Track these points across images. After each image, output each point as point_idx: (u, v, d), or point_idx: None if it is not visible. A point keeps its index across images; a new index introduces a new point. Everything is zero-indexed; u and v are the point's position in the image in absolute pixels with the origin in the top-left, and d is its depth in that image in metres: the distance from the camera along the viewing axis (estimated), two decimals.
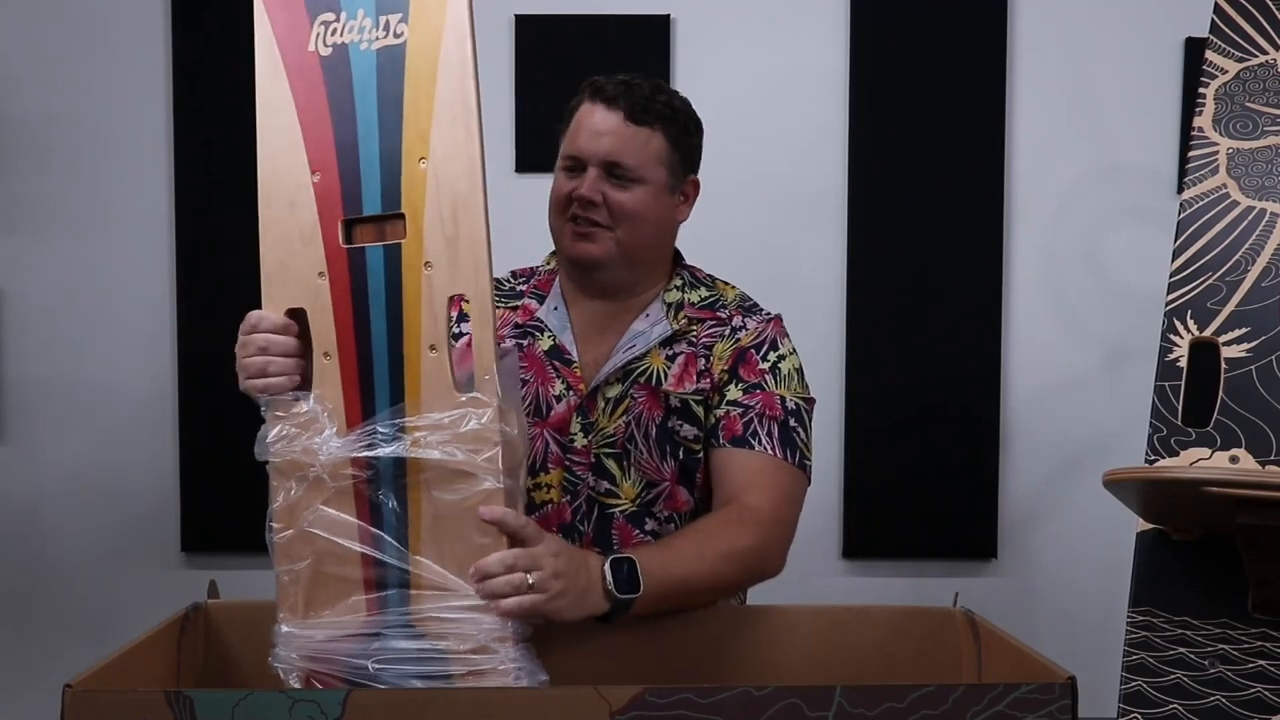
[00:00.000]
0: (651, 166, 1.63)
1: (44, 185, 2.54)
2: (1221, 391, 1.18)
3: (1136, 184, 2.52)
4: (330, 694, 1.09)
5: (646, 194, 1.63)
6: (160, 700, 1.08)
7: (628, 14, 2.50)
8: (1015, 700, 1.10)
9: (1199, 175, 1.28)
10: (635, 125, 1.62)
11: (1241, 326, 1.20)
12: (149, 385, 2.56)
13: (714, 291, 1.73)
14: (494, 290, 1.67)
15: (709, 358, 1.64)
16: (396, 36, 1.31)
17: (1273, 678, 1.07)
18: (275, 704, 1.08)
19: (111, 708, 1.09)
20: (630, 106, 1.61)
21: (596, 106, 1.63)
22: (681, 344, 1.65)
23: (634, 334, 1.66)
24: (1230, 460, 1.15)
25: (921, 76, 2.51)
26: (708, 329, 1.67)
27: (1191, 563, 1.15)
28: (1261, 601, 1.10)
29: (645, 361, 1.64)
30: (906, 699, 1.10)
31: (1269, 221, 1.24)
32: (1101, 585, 2.44)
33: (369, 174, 1.30)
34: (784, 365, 1.65)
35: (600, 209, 1.61)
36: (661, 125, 1.64)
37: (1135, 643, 1.12)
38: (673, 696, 1.10)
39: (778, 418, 1.60)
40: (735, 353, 1.64)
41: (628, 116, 1.62)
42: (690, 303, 1.69)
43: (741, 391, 1.61)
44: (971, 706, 1.10)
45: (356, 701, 1.09)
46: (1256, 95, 1.31)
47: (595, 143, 1.61)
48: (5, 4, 2.52)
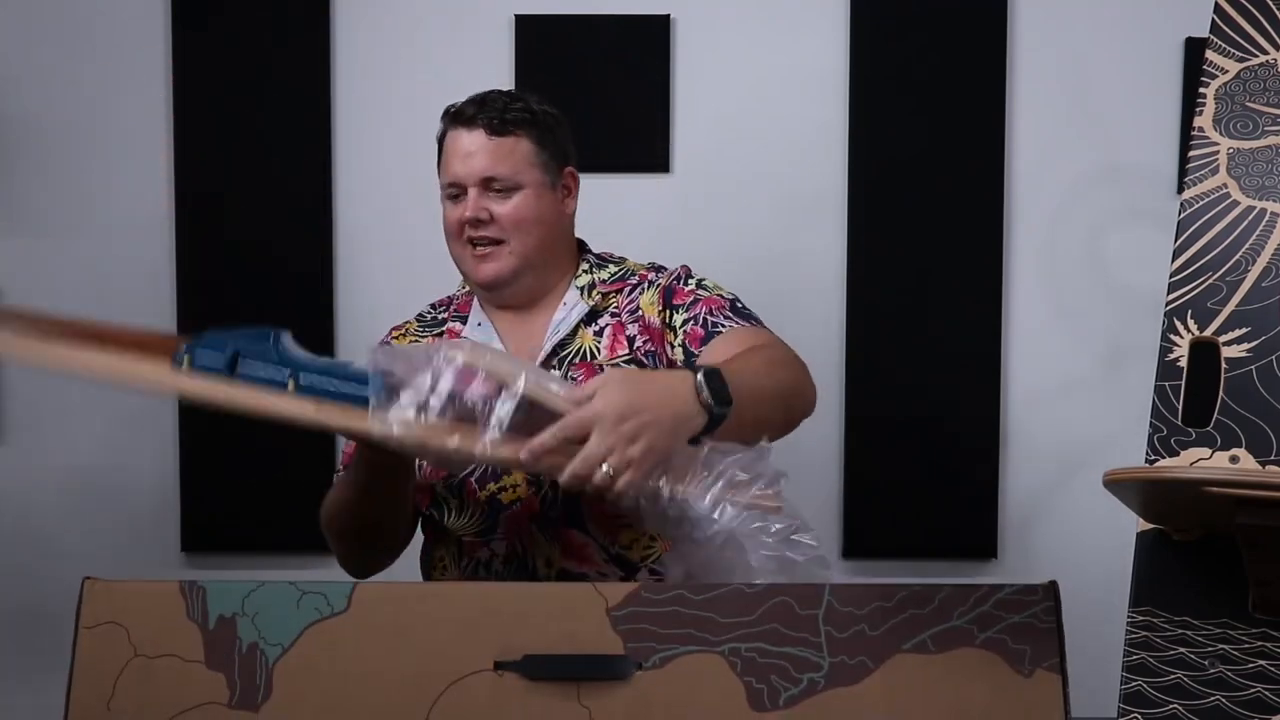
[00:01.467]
0: (525, 170, 1.71)
1: (44, 185, 2.54)
2: (1222, 391, 1.18)
3: (1137, 184, 2.52)
4: (336, 586, 1.15)
5: (527, 198, 1.71)
6: (174, 590, 1.15)
7: (627, 14, 2.50)
8: (999, 601, 1.14)
9: (1199, 175, 1.28)
10: (499, 137, 1.69)
11: (1242, 326, 1.20)
12: None
13: (622, 266, 1.80)
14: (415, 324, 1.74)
15: (638, 312, 1.71)
16: None
17: (1273, 678, 1.07)
18: (284, 595, 1.14)
19: (127, 596, 1.16)
20: (489, 121, 1.69)
21: (459, 131, 1.71)
22: (604, 317, 1.73)
23: (556, 322, 1.73)
24: (1230, 460, 1.15)
25: (921, 76, 2.51)
26: (626, 297, 1.74)
27: (1192, 563, 1.15)
28: (1262, 601, 1.10)
29: (575, 342, 1.71)
30: (894, 598, 1.14)
31: (1269, 221, 1.24)
32: (1101, 585, 2.43)
33: None
34: (707, 282, 1.74)
35: (490, 224, 1.70)
36: (523, 129, 1.71)
37: (1135, 642, 1.12)
38: (667, 593, 1.15)
39: (724, 307, 1.68)
40: (661, 293, 1.72)
41: (489, 131, 1.69)
42: (601, 280, 1.76)
43: (685, 311, 1.68)
44: (957, 606, 1.14)
45: (361, 594, 1.14)
46: (1257, 95, 1.31)
47: (466, 164, 1.69)
48: (5, 4, 2.51)
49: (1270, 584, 1.09)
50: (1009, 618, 1.14)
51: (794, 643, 1.13)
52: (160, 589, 1.15)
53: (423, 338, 1.81)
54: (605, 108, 2.47)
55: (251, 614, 1.14)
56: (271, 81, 2.51)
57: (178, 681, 1.13)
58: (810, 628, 1.14)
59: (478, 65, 2.50)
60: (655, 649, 1.13)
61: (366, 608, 1.14)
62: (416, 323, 1.84)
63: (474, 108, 1.72)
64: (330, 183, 2.53)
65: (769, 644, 1.13)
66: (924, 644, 1.14)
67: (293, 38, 2.51)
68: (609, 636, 1.13)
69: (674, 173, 2.53)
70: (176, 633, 1.14)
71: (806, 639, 1.13)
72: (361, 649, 1.13)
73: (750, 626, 1.13)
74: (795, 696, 1.13)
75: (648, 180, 2.51)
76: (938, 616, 1.14)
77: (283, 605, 1.14)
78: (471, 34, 2.52)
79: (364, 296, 2.54)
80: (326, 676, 1.13)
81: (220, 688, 1.13)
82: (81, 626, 1.14)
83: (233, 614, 1.14)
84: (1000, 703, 1.13)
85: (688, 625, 1.13)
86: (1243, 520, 1.05)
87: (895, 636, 1.14)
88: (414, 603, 1.15)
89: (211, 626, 1.14)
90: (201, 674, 1.13)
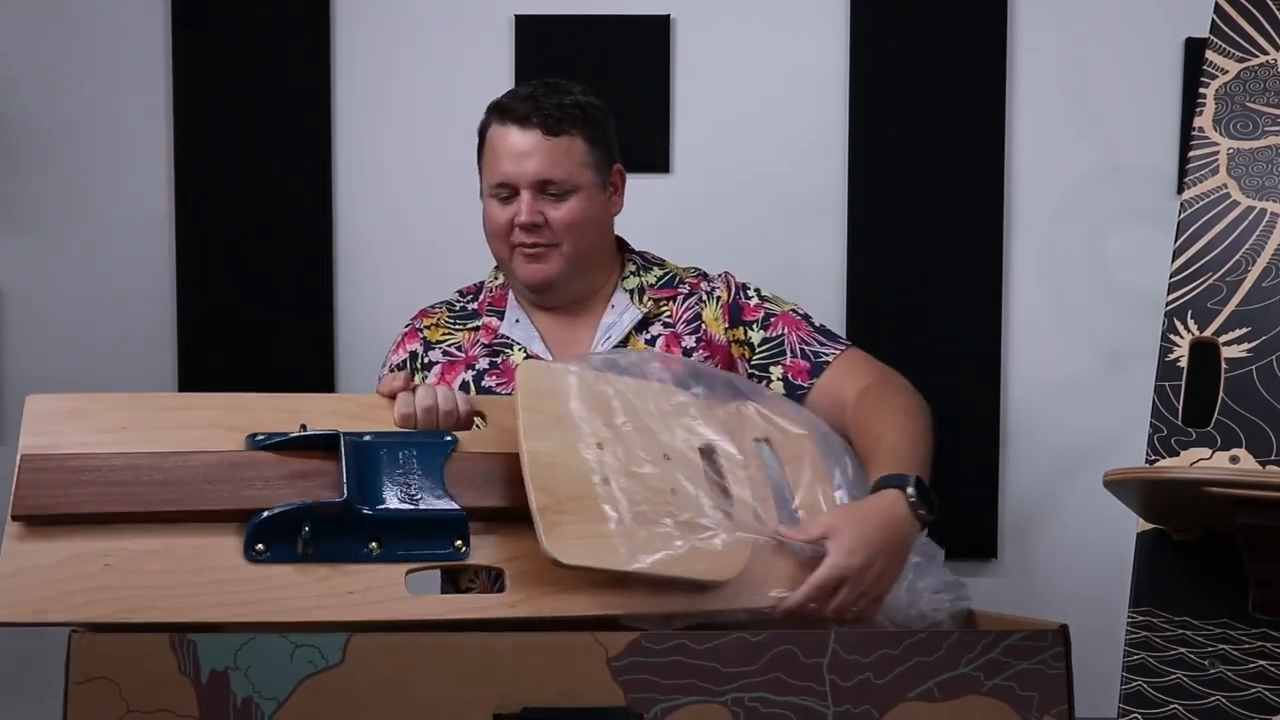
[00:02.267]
0: (579, 172, 1.67)
1: (44, 185, 2.54)
2: (1222, 391, 1.18)
3: (1137, 184, 2.52)
4: (330, 638, 1.12)
5: (581, 201, 1.69)
6: (164, 643, 1.11)
7: (627, 14, 2.49)
8: (1008, 647, 1.12)
9: (1199, 175, 1.29)
10: (554, 137, 1.64)
11: (1242, 326, 1.20)
12: (150, 385, 2.56)
13: (666, 269, 1.79)
14: (444, 313, 1.71)
15: (696, 324, 1.71)
16: None
17: (1273, 678, 1.07)
18: (277, 648, 1.11)
19: (117, 650, 1.12)
20: (544, 120, 1.64)
21: (510, 128, 1.66)
22: (656, 325, 1.72)
23: (607, 326, 1.72)
24: (1230, 460, 1.15)
25: (921, 77, 2.50)
26: (680, 305, 1.74)
27: (1192, 563, 1.15)
28: (1262, 601, 1.10)
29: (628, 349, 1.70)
30: (901, 645, 1.13)
31: (1269, 221, 1.24)
32: (1102, 585, 2.43)
33: None
34: (764, 291, 1.78)
35: (543, 229, 1.66)
36: (577, 128, 1.67)
37: (1136, 643, 1.12)
38: (669, 643, 1.13)
39: (803, 327, 1.72)
40: (726, 310, 1.73)
41: (545, 131, 1.64)
42: (649, 284, 1.75)
43: (761, 329, 1.71)
44: (965, 652, 1.13)
45: (356, 646, 1.11)
46: (1257, 95, 1.31)
47: (521, 165, 1.64)
48: (5, 5, 2.51)
49: (1270, 584, 1.09)
50: (1017, 664, 1.12)
51: (798, 692, 1.12)
52: (149, 642, 1.12)
53: (455, 330, 1.78)
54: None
55: (244, 667, 1.10)
56: (271, 82, 2.51)
57: None
58: (815, 676, 1.12)
59: (478, 65, 2.50)
60: (657, 699, 1.11)
61: (361, 659, 1.11)
62: (447, 312, 1.81)
63: (526, 104, 1.66)
64: (330, 183, 2.53)
65: (773, 693, 1.11)
66: (930, 692, 1.12)
67: (293, 38, 2.51)
68: (610, 687, 1.11)
69: (674, 173, 2.52)
70: (169, 688, 1.10)
71: (811, 688, 1.12)
72: (359, 701, 1.10)
73: (754, 676, 1.11)
74: None
75: (648, 180, 2.51)
76: (945, 664, 1.12)
77: (276, 658, 1.11)
78: (472, 34, 2.51)
79: (364, 296, 2.53)
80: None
81: None
82: (72, 682, 1.11)
83: (225, 668, 1.10)
84: None
85: (690, 675, 1.11)
86: (1243, 520, 1.05)
87: (901, 685, 1.12)
88: (410, 654, 1.12)
89: (204, 681, 1.10)
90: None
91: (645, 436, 1.29)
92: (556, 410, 1.27)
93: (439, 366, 1.73)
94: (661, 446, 1.29)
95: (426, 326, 1.79)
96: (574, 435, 1.25)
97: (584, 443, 1.25)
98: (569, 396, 1.29)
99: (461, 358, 1.74)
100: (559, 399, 1.28)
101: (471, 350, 1.73)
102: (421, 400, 1.38)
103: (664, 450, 1.29)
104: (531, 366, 1.40)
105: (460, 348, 1.75)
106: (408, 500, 1.24)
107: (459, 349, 1.75)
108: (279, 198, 2.53)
